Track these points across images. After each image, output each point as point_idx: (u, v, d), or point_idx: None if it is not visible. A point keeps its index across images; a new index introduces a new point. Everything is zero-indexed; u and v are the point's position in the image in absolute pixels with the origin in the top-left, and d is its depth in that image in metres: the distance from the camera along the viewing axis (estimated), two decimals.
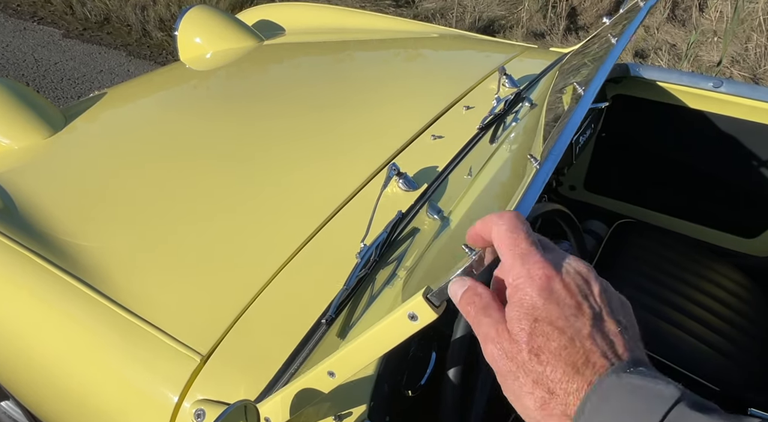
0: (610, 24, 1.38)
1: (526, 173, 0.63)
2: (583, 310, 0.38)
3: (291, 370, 0.73)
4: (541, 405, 0.37)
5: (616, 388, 0.35)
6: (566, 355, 0.37)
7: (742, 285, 1.51)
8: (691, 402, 0.34)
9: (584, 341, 0.37)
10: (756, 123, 1.46)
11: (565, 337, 0.37)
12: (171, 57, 3.69)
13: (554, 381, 0.37)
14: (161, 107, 1.51)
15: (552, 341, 0.37)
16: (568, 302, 0.38)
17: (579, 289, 0.39)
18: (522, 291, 0.39)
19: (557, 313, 0.38)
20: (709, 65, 3.28)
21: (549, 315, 0.38)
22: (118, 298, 0.88)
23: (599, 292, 0.40)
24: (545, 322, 0.38)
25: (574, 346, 0.37)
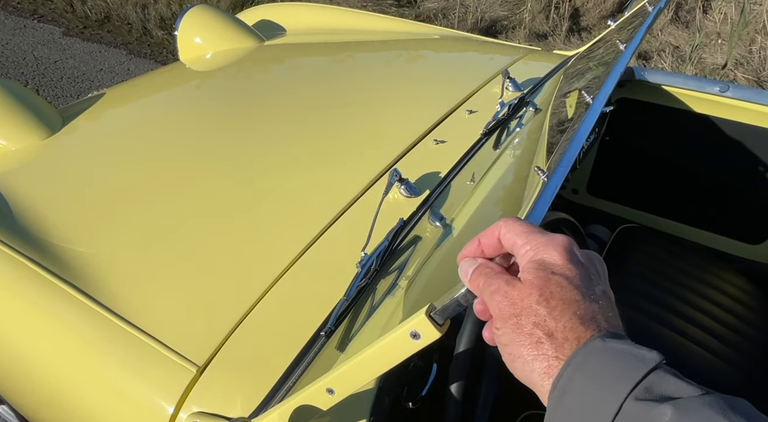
0: (616, 28, 1.36)
1: (534, 185, 0.61)
2: (592, 277, 0.42)
3: (289, 383, 0.71)
4: (535, 344, 0.39)
5: (602, 349, 0.37)
6: (576, 307, 0.39)
7: (746, 292, 1.49)
8: (671, 371, 0.36)
9: (595, 301, 0.40)
10: (762, 128, 1.44)
11: (579, 293, 0.40)
12: (171, 56, 3.67)
13: (556, 325, 0.39)
14: (160, 109, 1.49)
15: (566, 291, 0.40)
16: (585, 268, 0.41)
17: (591, 264, 0.43)
18: (542, 252, 0.42)
19: (575, 272, 0.40)
20: (713, 68, 3.26)
21: (568, 273, 0.40)
22: (115, 307, 0.86)
23: (602, 268, 0.44)
24: (562, 276, 0.40)
25: (584, 302, 0.39)
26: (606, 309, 0.40)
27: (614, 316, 0.41)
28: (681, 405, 0.32)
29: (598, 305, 0.40)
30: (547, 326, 0.39)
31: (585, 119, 0.65)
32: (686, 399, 0.33)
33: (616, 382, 0.35)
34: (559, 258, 0.41)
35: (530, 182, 0.67)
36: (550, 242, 0.42)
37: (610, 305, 0.41)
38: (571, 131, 0.65)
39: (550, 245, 0.42)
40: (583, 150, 1.45)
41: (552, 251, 0.42)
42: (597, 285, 0.41)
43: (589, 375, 0.36)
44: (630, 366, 0.35)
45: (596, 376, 0.35)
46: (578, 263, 0.42)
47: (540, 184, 0.54)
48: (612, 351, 0.37)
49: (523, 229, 0.44)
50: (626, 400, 0.34)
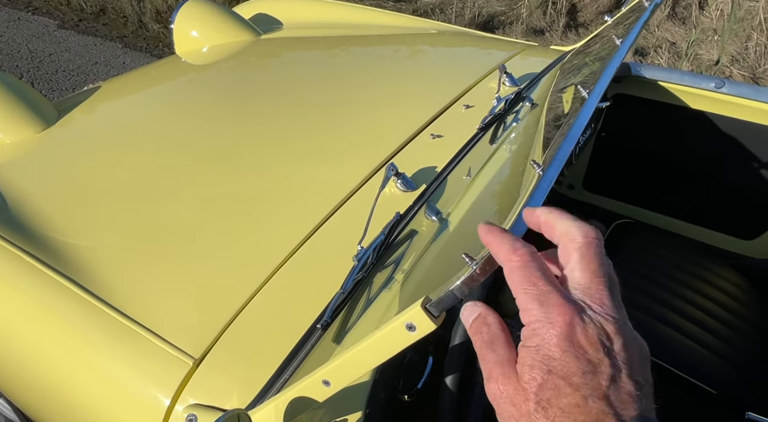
0: (612, 23, 1.36)
1: (529, 179, 0.61)
2: (602, 368, 0.35)
3: (285, 376, 0.71)
4: None
5: None
6: (577, 414, 0.34)
7: (740, 287, 1.50)
8: None
9: (598, 401, 0.34)
10: (757, 125, 1.45)
11: (579, 395, 0.34)
12: (168, 49, 3.66)
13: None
14: (156, 102, 1.49)
15: (563, 397, 0.34)
16: (587, 357, 0.35)
17: (601, 343, 0.35)
18: (539, 337, 0.36)
19: (574, 368, 0.35)
20: (708, 64, 3.27)
21: (565, 369, 0.35)
22: (110, 299, 0.86)
23: (621, 347, 0.36)
24: (559, 376, 0.35)
25: (586, 406, 0.34)
26: (621, 402, 0.34)
27: (632, 403, 0.35)
28: None
29: (605, 402, 0.34)
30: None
31: (581, 113, 0.65)
32: None
33: None
34: (557, 348, 0.35)
35: (526, 176, 0.67)
36: (547, 323, 0.35)
37: (629, 387, 0.35)
38: (566, 126, 0.65)
39: (546, 328, 0.35)
40: (579, 146, 1.46)
41: (548, 338, 0.35)
42: (603, 373, 0.35)
43: None
44: None
45: None
46: (581, 351, 0.35)
47: (535, 177, 0.54)
48: None
49: (525, 281, 0.37)
50: None
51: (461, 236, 0.87)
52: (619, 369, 0.35)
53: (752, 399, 1.26)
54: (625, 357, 0.36)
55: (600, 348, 0.35)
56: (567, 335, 0.35)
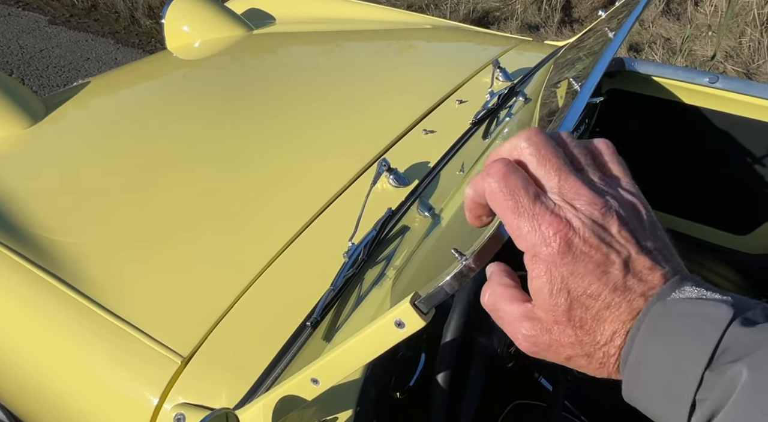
0: (606, 17, 1.35)
1: None
2: (611, 260, 0.34)
3: (274, 374, 0.71)
4: (601, 366, 0.35)
5: (662, 317, 0.33)
6: (609, 314, 0.34)
7: (734, 282, 1.50)
8: (745, 320, 0.31)
9: (623, 294, 0.34)
10: (751, 120, 1.45)
11: (603, 299, 0.34)
12: (160, 45, 3.62)
13: (603, 341, 0.35)
14: (146, 98, 1.47)
15: (591, 309, 0.34)
16: (594, 260, 0.34)
17: (598, 238, 0.34)
18: (543, 262, 0.35)
19: (588, 278, 0.34)
20: (703, 59, 3.27)
21: (580, 283, 0.34)
22: (98, 297, 0.85)
23: (618, 228, 0.35)
24: (579, 292, 0.35)
25: (614, 303, 0.34)
26: (642, 281, 0.34)
27: (654, 273, 0.34)
28: (754, 361, 0.29)
29: (629, 292, 0.34)
30: (594, 346, 0.35)
31: (572, 107, 0.64)
32: (761, 352, 0.29)
33: (692, 353, 0.31)
34: (564, 267, 0.34)
35: None
36: (544, 244, 0.35)
37: (644, 262, 0.34)
38: (558, 120, 0.64)
39: (545, 249, 0.35)
40: None
41: (551, 258, 0.35)
42: (615, 265, 0.34)
43: (660, 347, 0.32)
44: (699, 333, 0.31)
45: (669, 348, 0.32)
46: (585, 257, 0.34)
47: None
48: (672, 320, 0.32)
49: (508, 201, 0.35)
50: (705, 371, 0.30)
51: (454, 232, 0.86)
52: (627, 251, 0.35)
53: None
54: (627, 235, 0.35)
55: (601, 244, 0.34)
56: (567, 249, 0.34)
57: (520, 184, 0.36)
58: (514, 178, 0.36)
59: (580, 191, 0.35)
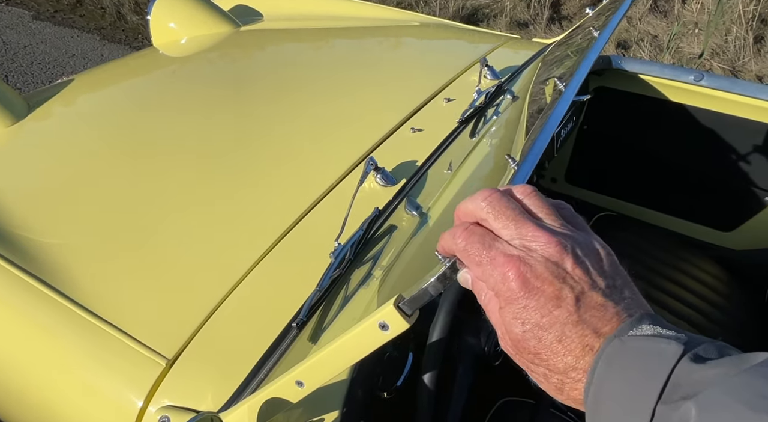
0: (594, 15, 1.36)
1: (506, 172, 0.60)
2: (563, 296, 0.37)
3: (260, 376, 0.70)
4: (558, 390, 0.38)
5: (618, 354, 0.34)
6: (562, 348, 0.37)
7: (719, 278, 1.52)
8: (696, 356, 0.33)
9: (574, 328, 0.36)
10: (735, 117, 1.46)
11: (555, 332, 0.37)
12: (147, 41, 3.58)
13: (560, 371, 0.37)
14: (132, 95, 1.45)
15: (543, 340, 0.37)
16: (546, 294, 0.37)
17: (554, 274, 0.37)
18: (502, 296, 0.39)
19: (541, 310, 0.37)
20: (690, 57, 3.30)
21: (533, 315, 0.37)
22: (80, 299, 0.84)
23: (573, 265, 0.37)
24: (531, 323, 0.37)
25: (565, 337, 0.36)
26: (595, 317, 0.36)
27: (608, 309, 0.36)
28: (702, 400, 0.30)
29: (581, 325, 0.36)
30: (555, 375, 0.37)
31: (557, 106, 0.64)
32: (708, 392, 0.30)
33: (644, 388, 0.33)
34: (520, 300, 0.37)
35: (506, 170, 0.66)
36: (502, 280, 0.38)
37: (597, 298, 0.36)
38: (542, 119, 0.64)
39: (503, 285, 0.38)
40: (560, 139, 1.45)
41: (509, 291, 0.37)
42: (567, 300, 0.36)
43: (616, 383, 0.34)
44: (653, 366, 0.33)
45: (624, 384, 0.34)
46: (538, 292, 0.37)
47: (510, 172, 0.53)
48: (626, 356, 0.34)
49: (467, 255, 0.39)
50: (657, 405, 0.32)
51: (442, 231, 0.86)
52: (581, 287, 0.37)
53: None
54: (581, 272, 0.37)
55: (553, 280, 0.37)
56: (521, 284, 0.37)
57: (477, 238, 0.40)
58: (474, 235, 0.40)
59: (536, 234, 0.38)
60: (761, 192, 1.54)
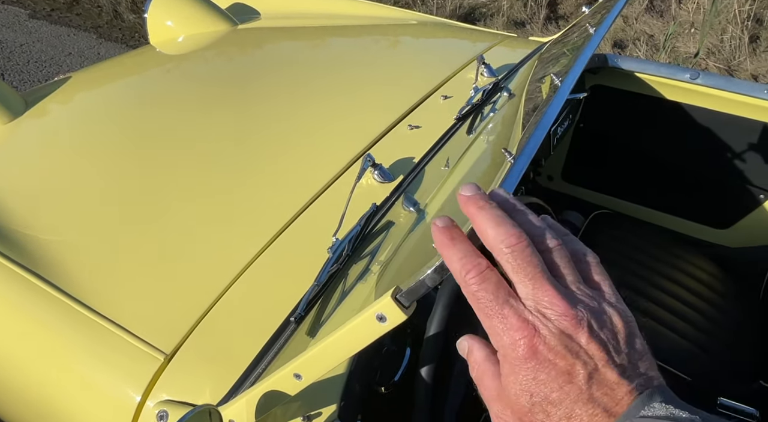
0: (589, 14, 1.36)
1: (502, 166, 0.61)
2: (575, 372, 0.35)
3: (258, 370, 0.70)
4: None
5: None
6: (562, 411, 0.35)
7: (714, 276, 1.53)
8: None
9: (584, 406, 0.35)
10: (731, 115, 1.47)
11: (563, 408, 0.35)
12: (144, 40, 3.57)
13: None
14: (129, 93, 1.45)
15: (552, 415, 0.35)
16: (558, 368, 0.35)
17: (565, 347, 0.35)
18: (509, 364, 0.37)
19: (550, 384, 0.35)
20: (686, 56, 3.31)
21: (542, 389, 0.35)
22: (79, 295, 0.84)
23: (588, 340, 0.35)
24: (540, 397, 0.35)
25: (575, 415, 0.35)
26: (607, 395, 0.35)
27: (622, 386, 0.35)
28: None
29: (592, 404, 0.35)
30: None
31: (553, 101, 0.65)
32: None
33: None
34: (528, 372, 0.35)
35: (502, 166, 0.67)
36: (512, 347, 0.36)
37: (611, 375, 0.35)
38: (539, 114, 0.65)
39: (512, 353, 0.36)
40: (557, 137, 1.46)
41: (517, 363, 0.36)
42: (579, 376, 0.35)
43: None
44: None
45: None
46: (549, 364, 0.35)
47: (507, 166, 0.54)
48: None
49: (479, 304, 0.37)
50: None
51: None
52: (595, 363, 0.35)
53: (725, 385, 1.29)
54: (596, 347, 0.35)
55: (566, 353, 0.35)
56: (532, 354, 0.35)
57: (492, 288, 0.37)
58: (488, 284, 0.37)
59: (553, 300, 0.36)
60: (756, 190, 1.55)
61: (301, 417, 0.67)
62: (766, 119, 1.42)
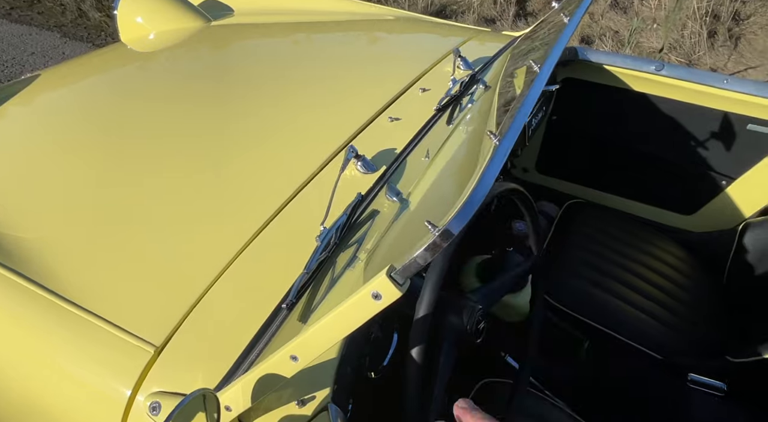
0: (558, 9, 1.41)
1: (486, 151, 0.63)
2: None
3: (251, 357, 0.71)
4: None
5: None
6: None
7: (682, 259, 1.60)
8: None
9: None
10: (694, 105, 1.54)
11: None
12: (111, 39, 3.49)
13: None
14: (102, 90, 1.43)
15: None
16: None
17: None
18: None
19: None
20: (649, 51, 3.43)
21: None
22: (62, 291, 0.83)
23: None
24: None
25: None
26: None
27: None
28: None
29: None
30: None
31: (528, 94, 0.67)
32: None
33: None
34: None
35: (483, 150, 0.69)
36: None
37: None
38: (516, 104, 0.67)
39: None
40: (531, 128, 1.50)
41: None
42: None
43: None
44: None
45: None
46: None
47: (492, 147, 0.56)
48: None
49: None
50: None
51: (421, 215, 0.89)
52: None
53: (695, 362, 1.35)
54: None
55: None
56: None
57: None
58: None
59: None
60: (719, 176, 1.63)
61: (295, 401, 0.68)
62: (726, 108, 1.49)
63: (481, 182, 0.48)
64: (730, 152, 1.58)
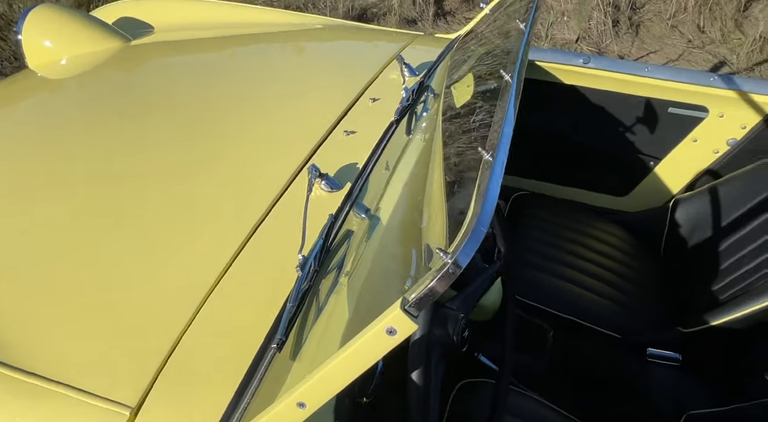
0: (492, 11, 1.44)
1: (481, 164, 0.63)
2: None
3: (243, 404, 0.66)
4: None
5: None
6: None
7: (622, 239, 1.70)
8: None
9: None
10: (620, 93, 1.64)
11: None
12: (8, 64, 3.17)
13: None
14: (13, 122, 1.29)
15: None
16: None
17: None
18: None
19: None
20: (563, 43, 3.62)
21: None
22: (17, 362, 0.73)
23: None
24: None
25: None
26: None
27: None
28: None
29: None
30: None
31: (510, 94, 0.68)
32: None
33: None
34: None
35: (438, 163, 0.69)
36: None
37: None
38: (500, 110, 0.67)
39: None
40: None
41: None
42: None
43: None
44: None
45: None
46: None
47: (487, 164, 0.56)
48: None
49: None
50: None
51: (394, 229, 0.87)
52: None
53: (650, 337, 1.44)
54: None
55: None
56: None
57: None
58: None
59: None
60: (647, 158, 1.75)
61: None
62: (649, 94, 1.60)
63: (487, 200, 0.47)
64: (654, 134, 1.70)
